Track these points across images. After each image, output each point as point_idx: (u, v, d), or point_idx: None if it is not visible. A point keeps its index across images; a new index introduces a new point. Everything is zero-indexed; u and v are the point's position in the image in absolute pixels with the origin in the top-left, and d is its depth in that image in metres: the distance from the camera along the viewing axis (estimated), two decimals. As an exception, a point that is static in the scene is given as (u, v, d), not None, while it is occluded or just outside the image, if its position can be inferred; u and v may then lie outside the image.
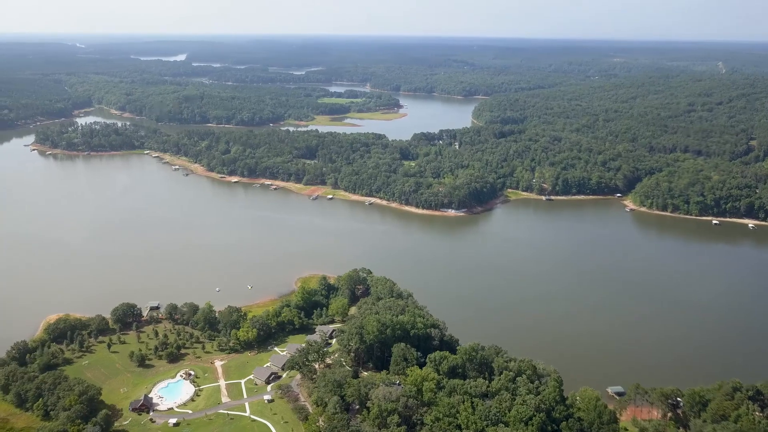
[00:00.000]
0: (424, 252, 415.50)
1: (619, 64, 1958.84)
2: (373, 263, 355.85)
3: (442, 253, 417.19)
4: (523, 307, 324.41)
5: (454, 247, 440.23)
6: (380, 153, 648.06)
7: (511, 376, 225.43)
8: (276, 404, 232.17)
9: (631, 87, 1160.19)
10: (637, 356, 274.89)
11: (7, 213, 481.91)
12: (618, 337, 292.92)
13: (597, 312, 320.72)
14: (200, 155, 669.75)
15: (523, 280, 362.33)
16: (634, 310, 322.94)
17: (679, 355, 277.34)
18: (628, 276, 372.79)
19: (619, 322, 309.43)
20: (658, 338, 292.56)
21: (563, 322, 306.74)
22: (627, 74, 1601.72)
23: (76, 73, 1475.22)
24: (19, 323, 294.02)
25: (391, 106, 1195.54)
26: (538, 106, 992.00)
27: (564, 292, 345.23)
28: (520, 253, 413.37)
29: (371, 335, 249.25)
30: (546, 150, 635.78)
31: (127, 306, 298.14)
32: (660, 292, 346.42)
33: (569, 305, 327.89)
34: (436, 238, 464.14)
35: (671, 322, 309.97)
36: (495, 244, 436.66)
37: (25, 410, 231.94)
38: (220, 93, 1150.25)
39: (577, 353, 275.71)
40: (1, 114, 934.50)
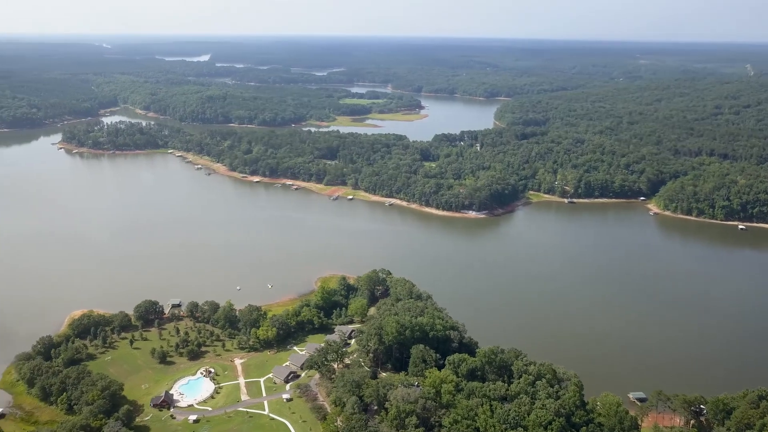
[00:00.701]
0: (444, 253, 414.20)
1: (644, 66, 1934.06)
2: (392, 264, 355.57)
3: (462, 255, 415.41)
4: (543, 310, 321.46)
5: (475, 249, 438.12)
6: (401, 154, 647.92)
7: (531, 379, 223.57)
8: (295, 403, 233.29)
9: (657, 89, 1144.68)
10: (660, 362, 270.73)
11: (34, 211, 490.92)
12: (640, 342, 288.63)
13: (619, 316, 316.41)
14: (222, 155, 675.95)
15: (544, 283, 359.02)
16: (657, 315, 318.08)
17: (703, 362, 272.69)
18: (652, 280, 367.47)
19: (641, 327, 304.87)
20: (681, 344, 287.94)
21: (585, 326, 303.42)
22: (652, 76, 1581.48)
23: (102, 73, 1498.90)
24: (44, 318, 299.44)
25: (412, 107, 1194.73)
26: (561, 108, 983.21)
27: (586, 296, 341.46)
28: (542, 255, 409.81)
29: (390, 336, 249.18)
30: (568, 152, 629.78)
31: (149, 303, 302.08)
32: (684, 298, 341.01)
33: (591, 309, 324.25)
34: (457, 240, 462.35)
35: (695, 328, 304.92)
36: (516, 247, 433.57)
37: (50, 404, 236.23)
38: (242, 93, 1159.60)
39: (598, 358, 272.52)
40: (29, 113, 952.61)
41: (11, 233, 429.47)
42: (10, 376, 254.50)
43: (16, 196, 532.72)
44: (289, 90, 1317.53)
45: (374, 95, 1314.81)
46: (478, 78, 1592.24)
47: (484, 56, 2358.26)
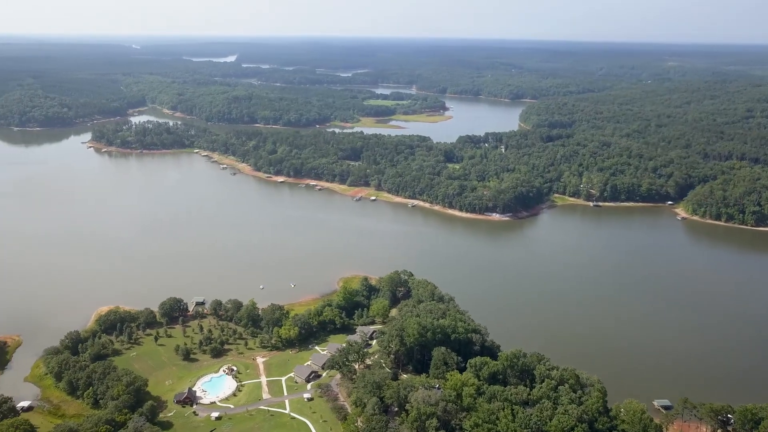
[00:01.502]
0: (466, 256, 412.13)
1: (673, 68, 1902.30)
2: (414, 266, 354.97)
3: (485, 257, 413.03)
4: (567, 314, 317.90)
5: (498, 251, 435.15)
6: (424, 155, 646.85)
7: (553, 384, 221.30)
8: (315, 403, 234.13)
9: (686, 92, 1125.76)
10: (686, 369, 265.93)
11: (64, 208, 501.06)
12: (666, 348, 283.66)
13: (645, 322, 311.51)
14: (248, 155, 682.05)
15: (568, 287, 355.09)
16: (683, 321, 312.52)
17: (730, 370, 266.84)
18: (679, 286, 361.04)
19: (668, 332, 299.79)
20: (708, 351, 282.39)
21: (609, 331, 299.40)
22: (681, 78, 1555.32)
23: (131, 74, 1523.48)
24: (72, 314, 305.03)
25: (436, 109, 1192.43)
26: (587, 110, 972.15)
27: (610, 301, 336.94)
28: (566, 259, 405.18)
29: (411, 338, 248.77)
30: (594, 155, 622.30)
31: (174, 301, 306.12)
32: (711, 304, 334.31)
33: (616, 314, 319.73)
34: (480, 243, 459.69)
35: (722, 335, 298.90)
36: (540, 250, 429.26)
37: (76, 398, 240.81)
38: (268, 94, 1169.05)
39: (623, 364, 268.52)
40: (61, 112, 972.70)
41: (42, 230, 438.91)
42: (39, 370, 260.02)
43: (47, 194, 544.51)
44: (314, 91, 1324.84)
45: (398, 96, 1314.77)
46: (503, 79, 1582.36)
47: (509, 58, 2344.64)
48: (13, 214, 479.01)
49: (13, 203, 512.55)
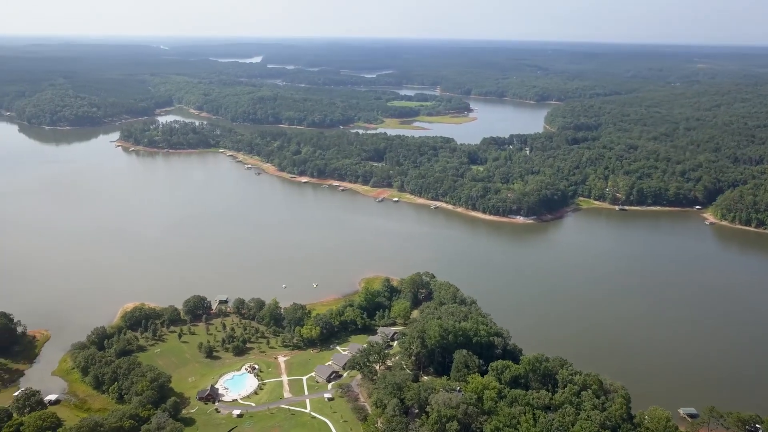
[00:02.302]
0: (489, 258, 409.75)
1: (702, 71, 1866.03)
2: (436, 267, 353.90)
3: (508, 260, 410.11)
4: (591, 319, 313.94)
5: (522, 254, 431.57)
6: (448, 157, 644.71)
7: (576, 389, 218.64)
8: (336, 403, 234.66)
9: (716, 94, 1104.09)
10: (713, 377, 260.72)
11: (92, 206, 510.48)
12: (693, 355, 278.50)
13: (671, 328, 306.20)
14: (272, 155, 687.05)
15: (592, 292, 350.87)
16: (711, 328, 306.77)
17: (758, 379, 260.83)
18: (706, 292, 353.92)
19: (694, 339, 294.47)
20: (737, 359, 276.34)
21: (633, 337, 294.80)
22: (711, 81, 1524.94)
23: (159, 74, 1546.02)
24: (99, 310, 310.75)
25: (460, 110, 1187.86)
26: (614, 112, 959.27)
27: (636, 306, 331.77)
28: (590, 264, 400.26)
29: (433, 340, 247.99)
30: (621, 158, 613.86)
31: (197, 298, 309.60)
32: (740, 311, 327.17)
33: (640, 319, 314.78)
34: (503, 245, 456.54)
35: (752, 343, 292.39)
36: (564, 254, 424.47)
37: (102, 392, 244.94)
38: (292, 95, 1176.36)
39: (648, 370, 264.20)
40: (90, 112, 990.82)
41: (71, 227, 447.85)
42: (66, 364, 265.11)
43: (76, 192, 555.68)
44: (338, 92, 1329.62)
45: (422, 98, 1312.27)
46: (528, 81, 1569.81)
47: (534, 59, 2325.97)
48: (44, 211, 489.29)
49: (44, 200, 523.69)
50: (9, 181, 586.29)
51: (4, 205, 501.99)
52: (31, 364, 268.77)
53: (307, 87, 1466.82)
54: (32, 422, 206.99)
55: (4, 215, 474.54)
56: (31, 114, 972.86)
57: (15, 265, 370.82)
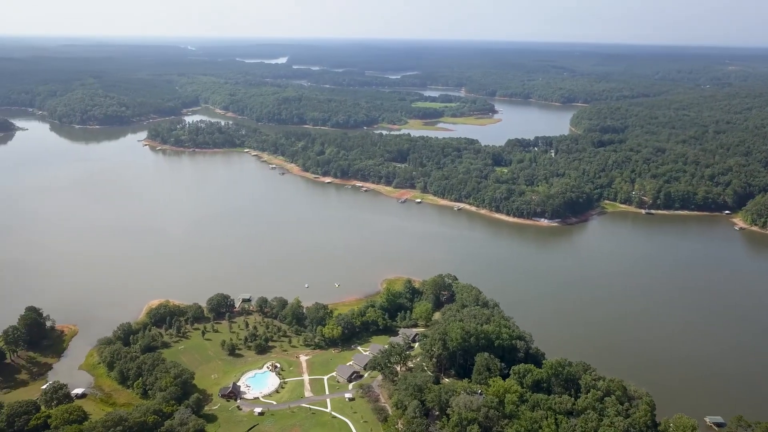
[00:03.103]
0: (513, 261, 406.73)
1: (733, 73, 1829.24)
2: (459, 269, 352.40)
3: (532, 263, 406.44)
4: (615, 324, 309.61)
5: (545, 258, 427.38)
6: (472, 158, 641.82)
7: (599, 395, 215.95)
8: (356, 403, 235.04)
9: (747, 97, 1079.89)
10: (741, 385, 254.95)
11: (119, 203, 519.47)
12: (720, 363, 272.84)
13: (697, 335, 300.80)
14: (296, 155, 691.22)
15: (617, 296, 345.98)
16: (739, 335, 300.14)
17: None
18: (735, 299, 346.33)
19: (722, 347, 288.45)
20: (765, 368, 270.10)
21: (659, 343, 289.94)
22: (742, 83, 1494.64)
23: (186, 74, 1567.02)
24: (125, 306, 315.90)
25: (485, 111, 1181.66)
26: (642, 115, 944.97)
27: (661, 312, 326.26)
28: (616, 268, 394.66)
29: (454, 342, 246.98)
30: (648, 161, 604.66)
31: (221, 297, 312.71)
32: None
33: (666, 325, 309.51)
34: (527, 248, 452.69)
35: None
36: (589, 257, 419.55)
37: (126, 387, 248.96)
38: (317, 95, 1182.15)
39: (673, 377, 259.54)
40: (119, 111, 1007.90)
41: (99, 224, 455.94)
42: (93, 359, 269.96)
43: (104, 190, 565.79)
44: (362, 93, 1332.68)
45: (447, 99, 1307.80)
46: (554, 83, 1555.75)
47: (561, 61, 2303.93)
48: (74, 208, 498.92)
49: (74, 197, 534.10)
50: (41, 178, 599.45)
51: (37, 202, 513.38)
52: (59, 358, 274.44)
53: (332, 88, 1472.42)
54: (59, 415, 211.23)
55: (37, 212, 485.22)
56: (62, 113, 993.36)
57: (45, 260, 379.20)
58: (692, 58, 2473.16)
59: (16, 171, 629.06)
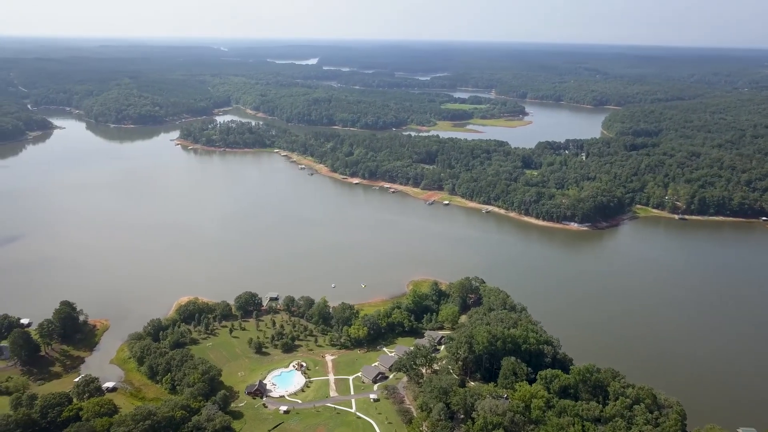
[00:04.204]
0: (541, 265, 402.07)
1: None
2: (486, 272, 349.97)
3: (561, 267, 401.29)
4: (646, 331, 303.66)
5: (575, 262, 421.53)
6: (501, 160, 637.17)
7: (628, 403, 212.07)
8: (381, 404, 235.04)
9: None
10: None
11: (151, 201, 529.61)
12: (753, 374, 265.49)
13: (730, 344, 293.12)
14: (325, 156, 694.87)
15: (647, 303, 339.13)
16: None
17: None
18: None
19: (756, 357, 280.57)
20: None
21: (691, 352, 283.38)
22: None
23: (218, 75, 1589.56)
24: (155, 302, 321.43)
25: (515, 113, 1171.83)
26: (676, 118, 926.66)
27: (694, 320, 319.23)
28: (647, 274, 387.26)
29: (481, 346, 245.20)
30: (682, 165, 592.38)
31: (249, 295, 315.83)
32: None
33: (699, 334, 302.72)
34: (556, 252, 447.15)
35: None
36: (620, 263, 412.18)
37: (156, 382, 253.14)
38: (347, 96, 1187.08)
39: (705, 386, 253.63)
40: (153, 111, 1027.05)
41: (132, 221, 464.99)
42: (123, 353, 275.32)
43: (137, 188, 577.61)
44: (392, 94, 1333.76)
45: (477, 100, 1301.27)
46: (586, 85, 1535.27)
47: (593, 63, 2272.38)
48: (108, 205, 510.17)
49: (109, 195, 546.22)
50: (77, 176, 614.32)
51: (73, 199, 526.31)
52: (91, 351, 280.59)
53: (362, 89, 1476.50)
54: (91, 408, 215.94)
55: (73, 208, 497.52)
56: (98, 112, 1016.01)
57: (80, 255, 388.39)
58: (729, 60, 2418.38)
59: (54, 168, 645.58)
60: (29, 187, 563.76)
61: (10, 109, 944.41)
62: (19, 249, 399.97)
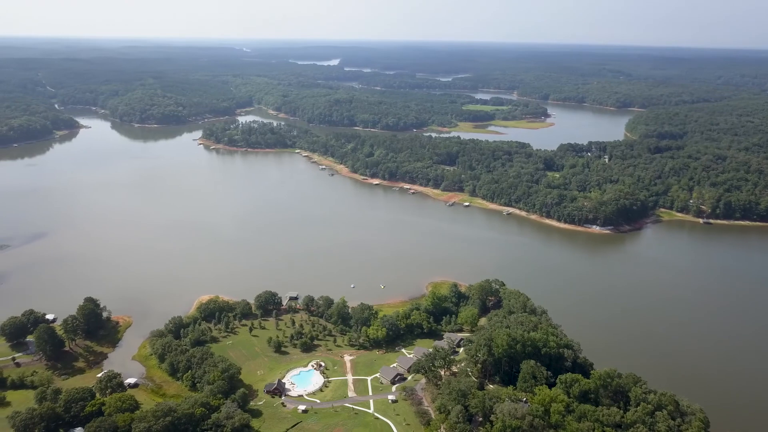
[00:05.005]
0: (562, 268, 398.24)
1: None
2: (506, 275, 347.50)
3: (582, 271, 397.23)
4: (668, 337, 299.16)
5: (597, 266, 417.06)
6: (523, 162, 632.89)
7: (650, 409, 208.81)
8: (399, 405, 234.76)
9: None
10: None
11: (173, 200, 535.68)
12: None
13: (757, 352, 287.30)
14: (346, 157, 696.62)
15: (671, 308, 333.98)
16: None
17: None
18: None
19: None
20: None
21: (715, 359, 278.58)
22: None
23: (240, 75, 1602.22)
24: (176, 300, 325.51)
25: (537, 115, 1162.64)
26: (701, 120, 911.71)
27: (718, 327, 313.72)
28: (670, 279, 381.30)
29: (500, 349, 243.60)
30: (707, 169, 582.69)
31: (269, 294, 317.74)
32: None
33: (723, 341, 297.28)
34: (577, 255, 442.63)
35: None
36: (642, 267, 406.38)
37: (176, 379, 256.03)
38: (368, 97, 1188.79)
39: (729, 394, 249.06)
40: (176, 111, 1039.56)
41: (154, 219, 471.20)
42: (145, 350, 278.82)
43: (161, 186, 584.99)
44: (413, 95, 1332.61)
45: (498, 102, 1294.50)
46: (609, 87, 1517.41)
47: (617, 64, 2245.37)
48: (132, 203, 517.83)
49: (133, 194, 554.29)
50: (102, 174, 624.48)
51: (98, 197, 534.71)
52: (113, 347, 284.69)
53: (383, 90, 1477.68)
54: (113, 403, 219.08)
55: (98, 206, 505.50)
56: (123, 112, 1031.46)
57: (104, 252, 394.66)
58: (758, 62, 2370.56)
59: (79, 167, 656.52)
60: (55, 185, 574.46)
61: (39, 108, 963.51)
62: (45, 246, 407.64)
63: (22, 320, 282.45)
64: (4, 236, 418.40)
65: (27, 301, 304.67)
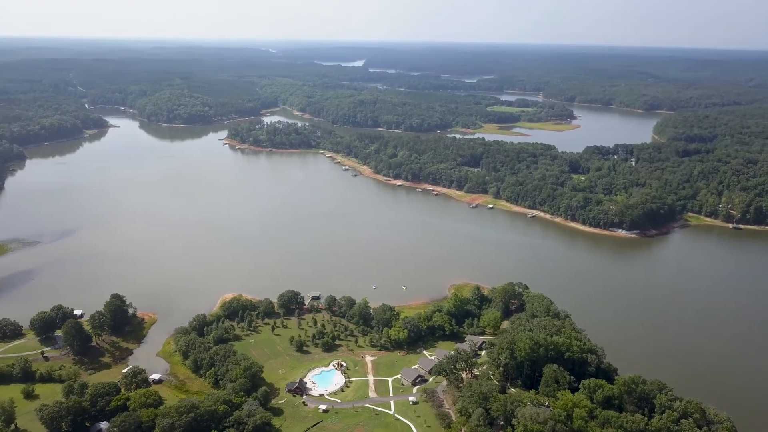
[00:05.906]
0: (587, 272, 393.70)
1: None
2: (530, 278, 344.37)
3: (607, 275, 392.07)
4: (695, 343, 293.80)
5: (622, 270, 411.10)
6: (548, 164, 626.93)
7: (675, 416, 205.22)
8: (420, 407, 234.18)
9: None
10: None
11: (199, 199, 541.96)
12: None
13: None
14: (369, 158, 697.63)
15: (697, 314, 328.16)
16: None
17: None
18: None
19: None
20: None
21: (742, 367, 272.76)
22: None
23: (266, 76, 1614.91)
24: (201, 297, 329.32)
25: (563, 117, 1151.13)
26: (732, 124, 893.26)
27: (746, 334, 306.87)
28: (698, 285, 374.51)
29: (523, 352, 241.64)
30: (737, 173, 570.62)
31: (291, 293, 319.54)
32: None
33: (751, 350, 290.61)
34: (602, 259, 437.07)
35: None
36: (668, 272, 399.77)
37: (199, 376, 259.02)
38: (392, 99, 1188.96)
39: (756, 402, 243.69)
40: (203, 111, 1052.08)
41: (181, 217, 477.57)
42: (169, 347, 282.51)
43: (187, 185, 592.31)
44: (437, 96, 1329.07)
45: (524, 103, 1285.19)
46: (637, 89, 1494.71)
47: (645, 66, 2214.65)
48: (159, 201, 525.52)
49: (159, 192, 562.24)
50: (130, 173, 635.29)
51: (125, 195, 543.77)
52: (139, 344, 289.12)
53: (407, 91, 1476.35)
54: (137, 398, 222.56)
55: (125, 204, 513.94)
56: (151, 111, 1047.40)
57: (131, 250, 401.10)
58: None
59: (108, 165, 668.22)
60: (84, 183, 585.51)
61: (69, 108, 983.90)
62: (73, 243, 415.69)
63: (51, 315, 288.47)
64: (34, 233, 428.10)
65: (56, 297, 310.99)
